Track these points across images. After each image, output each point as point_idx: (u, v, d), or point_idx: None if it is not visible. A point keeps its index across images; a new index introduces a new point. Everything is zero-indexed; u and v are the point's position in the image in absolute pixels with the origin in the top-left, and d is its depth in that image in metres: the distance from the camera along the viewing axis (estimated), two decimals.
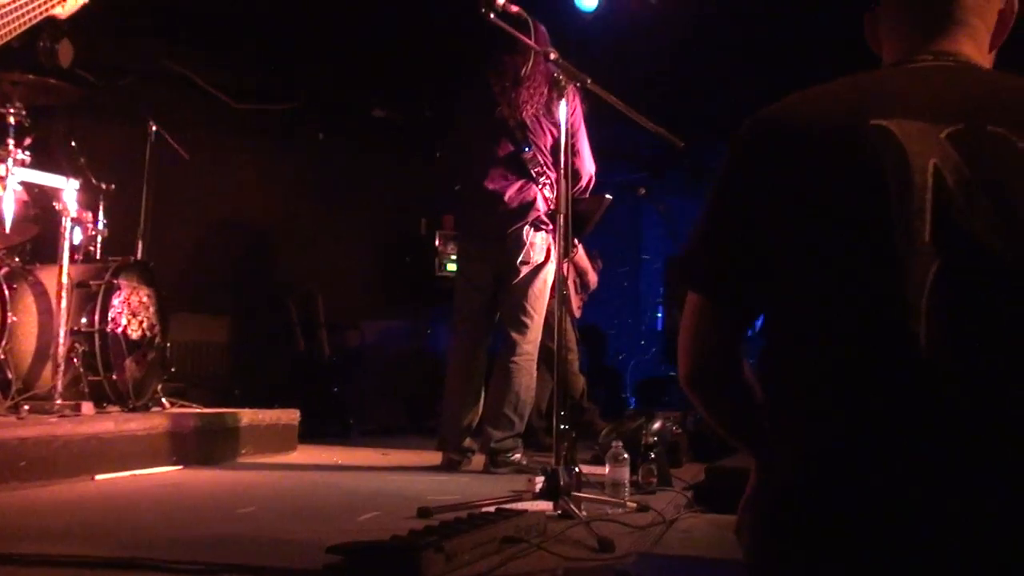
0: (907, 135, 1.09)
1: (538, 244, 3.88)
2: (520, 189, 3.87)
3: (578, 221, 3.97)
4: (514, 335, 3.91)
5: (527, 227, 3.86)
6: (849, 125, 1.13)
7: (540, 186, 3.88)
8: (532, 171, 3.87)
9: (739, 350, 1.27)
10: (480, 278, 4.01)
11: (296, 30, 6.09)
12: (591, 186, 4.03)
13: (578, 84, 3.10)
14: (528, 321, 3.91)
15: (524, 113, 3.84)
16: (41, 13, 2.42)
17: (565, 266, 3.01)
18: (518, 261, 3.86)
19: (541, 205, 3.87)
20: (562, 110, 3.13)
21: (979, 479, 1.01)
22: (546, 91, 3.80)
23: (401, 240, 6.77)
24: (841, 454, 1.07)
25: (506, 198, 3.86)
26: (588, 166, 3.93)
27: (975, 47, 1.25)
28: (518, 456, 3.87)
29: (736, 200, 1.22)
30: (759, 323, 1.29)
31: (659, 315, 8.69)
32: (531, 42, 3.39)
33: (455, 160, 4.31)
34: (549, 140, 3.85)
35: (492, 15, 3.13)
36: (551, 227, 3.85)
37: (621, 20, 6.11)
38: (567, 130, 3.11)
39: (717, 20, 6.04)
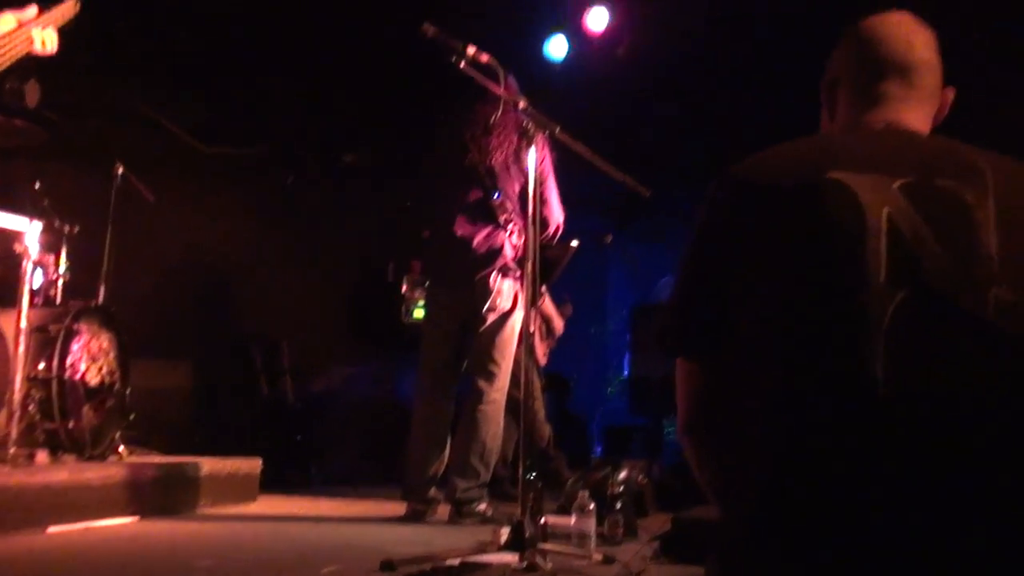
0: (861, 186, 1.16)
1: (505, 291, 3.89)
2: (488, 235, 3.89)
3: (545, 268, 3.98)
4: (481, 383, 3.89)
5: (494, 273, 3.87)
6: (807, 179, 1.20)
7: (508, 233, 3.90)
8: (500, 218, 3.89)
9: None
10: (447, 325, 4.00)
11: (266, 74, 6.11)
12: (559, 234, 4.06)
13: (547, 133, 3.14)
14: (495, 369, 3.89)
15: (493, 160, 3.88)
16: (19, 52, 2.40)
17: (532, 313, 3.01)
18: (485, 308, 3.86)
19: (508, 252, 3.88)
20: (531, 158, 3.16)
21: (938, 516, 1.05)
22: (516, 139, 3.84)
23: (368, 286, 6.75)
24: (803, 498, 1.10)
25: (474, 244, 3.87)
26: (556, 214, 3.96)
27: (921, 124, 1.36)
28: (484, 506, 3.83)
29: (706, 259, 1.29)
30: None
31: (625, 362, 8.71)
32: (501, 91, 3.42)
33: (424, 206, 4.32)
34: (518, 187, 3.88)
35: (463, 63, 3.17)
36: (518, 274, 3.86)
37: (589, 70, 6.22)
38: (535, 178, 3.14)
39: (682, 71, 6.17)
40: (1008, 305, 1.12)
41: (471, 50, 3.17)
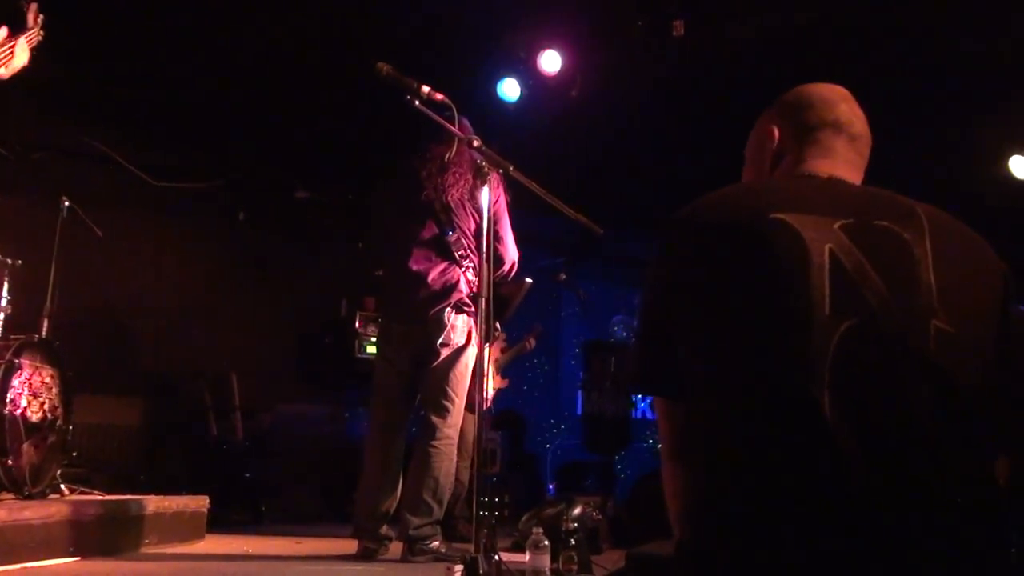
0: (803, 225, 1.22)
1: (459, 327, 3.89)
2: (443, 271, 3.90)
3: (500, 305, 4.00)
4: (434, 419, 3.87)
5: (449, 309, 3.87)
6: (750, 220, 1.25)
7: (463, 269, 3.91)
8: (456, 254, 3.91)
9: None
10: (400, 360, 3.98)
11: (219, 109, 6.08)
12: (514, 271, 4.08)
13: (500, 171, 3.17)
14: (449, 405, 3.87)
15: (449, 197, 3.90)
16: None
17: (486, 350, 3.01)
18: (438, 343, 3.85)
19: (464, 288, 3.89)
20: (484, 196, 3.18)
21: (884, 542, 1.08)
22: (470, 177, 3.86)
23: (320, 322, 6.69)
24: (750, 524, 1.13)
25: (429, 279, 3.87)
26: (511, 252, 3.99)
27: (856, 181, 1.44)
28: (437, 543, 3.78)
29: (658, 302, 1.34)
30: None
31: (578, 400, 8.73)
32: (455, 129, 3.45)
33: (378, 243, 4.31)
34: (473, 224, 3.90)
35: (417, 102, 3.19)
36: (473, 310, 3.87)
37: (542, 111, 6.30)
38: (490, 216, 3.16)
39: (636, 112, 6.28)
40: (947, 336, 1.17)
41: (425, 89, 3.19)
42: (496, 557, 2.85)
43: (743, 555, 1.12)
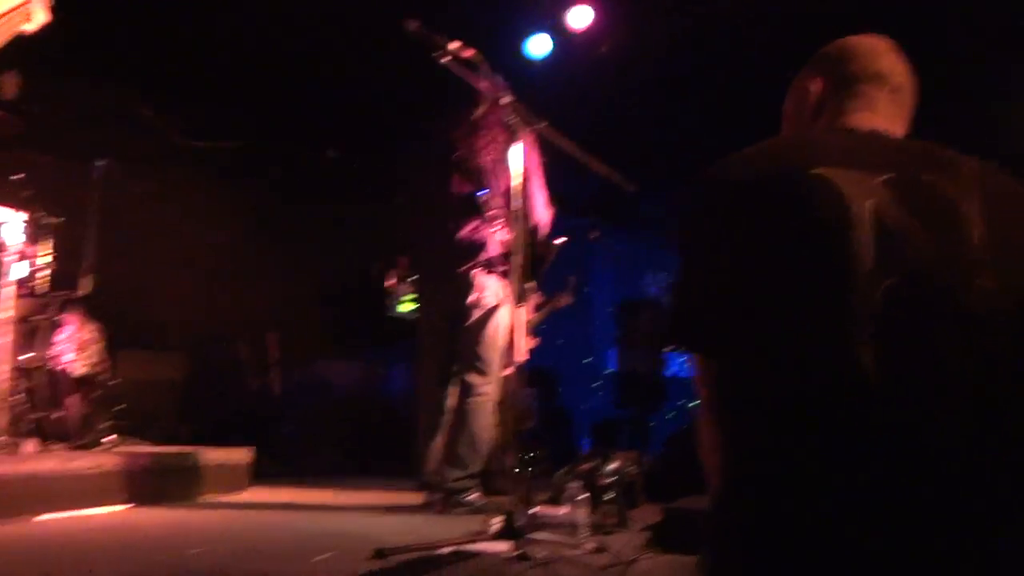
0: (844, 180, 1.19)
1: (490, 287, 3.89)
2: (473, 230, 3.90)
3: (534, 264, 4.01)
4: (469, 378, 3.91)
5: (477, 269, 3.88)
6: (791, 174, 1.23)
7: (494, 229, 3.91)
8: (486, 214, 3.91)
9: None
10: (437, 318, 4.01)
11: (250, 67, 6.08)
12: (546, 232, 4.09)
13: (531, 128, 3.15)
14: (482, 365, 3.90)
15: (482, 157, 3.89)
16: (16, 29, 2.36)
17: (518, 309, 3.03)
18: (468, 302, 3.87)
19: (494, 248, 3.89)
20: (516, 153, 3.17)
21: (924, 500, 1.07)
22: (503, 136, 3.85)
23: (355, 279, 6.73)
24: (796, 485, 1.12)
25: (459, 238, 3.88)
26: (542, 212, 3.99)
27: (900, 135, 1.41)
28: (474, 497, 3.84)
29: (696, 257, 1.32)
30: None
31: (611, 357, 8.75)
32: (484, 85, 3.41)
33: (412, 201, 4.32)
34: (505, 185, 3.90)
35: (445, 58, 3.16)
36: (504, 270, 3.87)
37: (572, 67, 6.23)
38: (522, 174, 3.16)
39: (667, 68, 6.19)
40: (991, 293, 1.15)
41: (454, 45, 3.16)
42: (533, 510, 2.89)
43: (781, 510, 1.12)
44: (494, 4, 5.81)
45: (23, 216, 3.88)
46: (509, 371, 3.00)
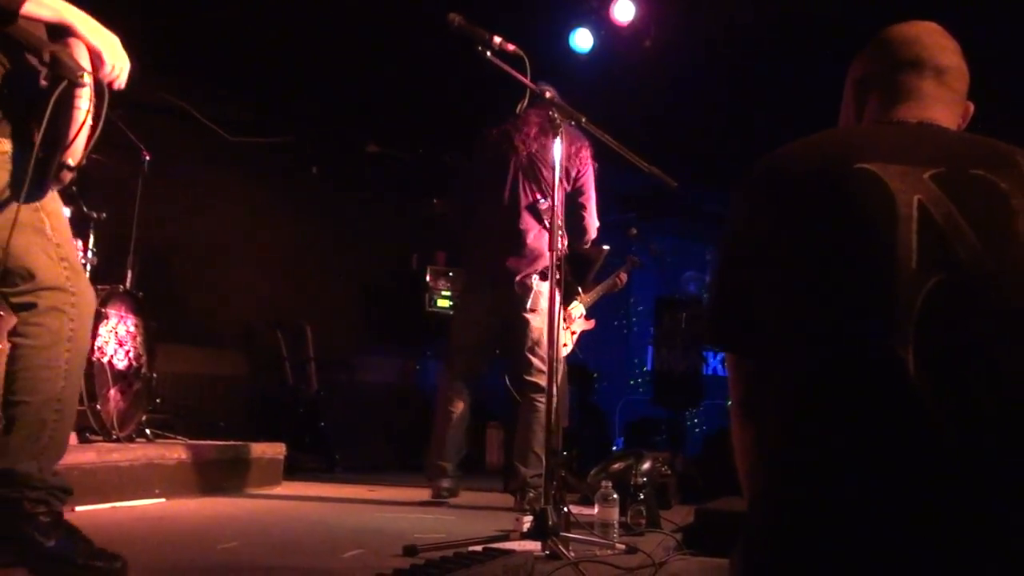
0: (890, 175, 1.16)
1: (544, 292, 3.93)
2: (536, 237, 3.97)
3: (582, 268, 4.09)
4: (532, 379, 3.95)
5: (536, 275, 3.92)
6: (835, 169, 1.19)
7: (551, 235, 3.94)
8: (546, 220, 3.93)
9: None
10: (483, 316, 4.06)
11: (292, 63, 6.13)
12: (594, 237, 4.22)
13: (573, 122, 3.13)
14: (543, 365, 3.91)
15: (541, 162, 3.92)
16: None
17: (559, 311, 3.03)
18: (527, 307, 3.90)
19: (552, 255, 3.92)
20: (557, 148, 3.16)
21: (966, 503, 1.04)
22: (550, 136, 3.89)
23: (392, 275, 6.77)
24: (832, 486, 1.10)
25: (525, 243, 3.95)
26: (594, 222, 4.12)
27: (952, 124, 1.36)
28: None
29: (739, 253, 1.29)
30: None
31: (649, 355, 8.68)
32: (528, 80, 3.40)
33: (469, 202, 4.30)
34: (562, 194, 3.95)
35: (489, 53, 3.15)
36: (559, 278, 3.93)
37: (616, 62, 6.19)
38: (560, 169, 3.16)
39: (710, 63, 6.13)
40: None
41: (497, 40, 3.15)
42: (565, 509, 2.87)
43: (820, 512, 1.09)
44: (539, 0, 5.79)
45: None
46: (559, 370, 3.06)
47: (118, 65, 2.08)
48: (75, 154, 1.99)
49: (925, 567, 1.03)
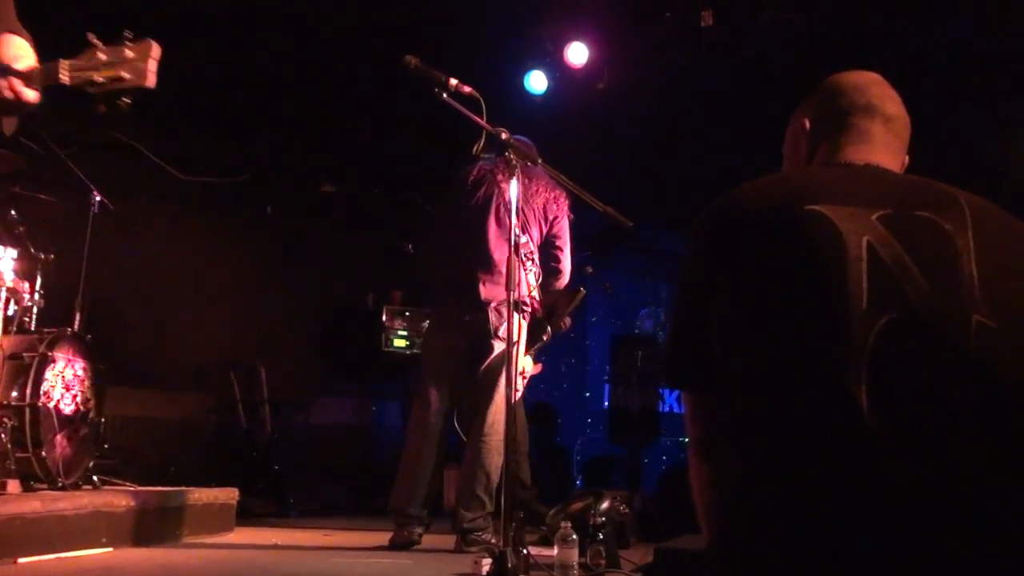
0: (840, 216, 1.18)
1: (514, 324, 3.92)
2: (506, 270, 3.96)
3: (555, 313, 4.13)
4: (485, 415, 3.91)
5: (504, 309, 3.92)
6: (787, 210, 1.22)
7: (527, 271, 3.95)
8: (523, 254, 3.94)
9: None
10: (458, 348, 4.02)
11: (246, 102, 6.10)
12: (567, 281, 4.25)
13: (528, 163, 3.16)
14: (499, 401, 3.88)
15: (524, 203, 3.96)
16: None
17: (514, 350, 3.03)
18: (493, 333, 3.90)
19: (524, 288, 3.92)
20: (513, 189, 3.18)
21: (920, 541, 1.05)
22: (542, 189, 4.01)
23: (348, 315, 6.71)
24: (784, 520, 1.11)
25: (501, 271, 3.92)
26: (568, 266, 4.18)
27: (894, 167, 1.41)
28: (489, 535, 3.81)
29: (692, 294, 1.31)
30: None
31: (605, 393, 8.69)
32: (484, 122, 3.42)
33: (443, 237, 4.28)
34: (537, 234, 4.02)
35: (445, 95, 3.18)
36: (528, 311, 3.93)
37: (570, 104, 6.26)
38: (519, 211, 3.19)
39: (664, 104, 6.23)
40: (989, 331, 1.13)
41: (453, 82, 3.18)
42: (524, 551, 2.85)
43: (777, 551, 1.10)
44: (495, 40, 5.85)
45: (13, 253, 3.85)
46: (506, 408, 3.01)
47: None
48: None
49: None
